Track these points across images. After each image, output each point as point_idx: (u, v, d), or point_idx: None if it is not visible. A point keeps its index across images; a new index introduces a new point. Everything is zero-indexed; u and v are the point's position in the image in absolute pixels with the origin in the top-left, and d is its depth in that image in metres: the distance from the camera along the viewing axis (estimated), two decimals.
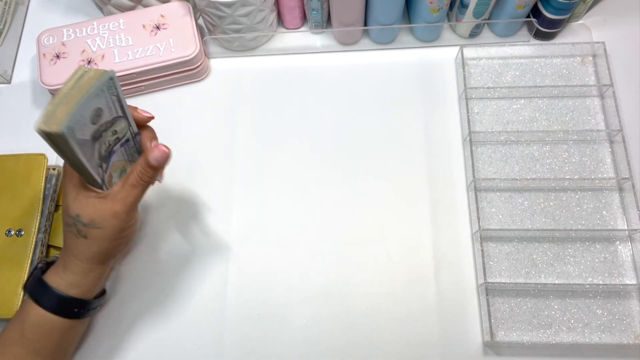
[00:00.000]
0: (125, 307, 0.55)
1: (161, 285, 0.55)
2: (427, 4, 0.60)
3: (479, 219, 0.55)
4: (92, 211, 0.43)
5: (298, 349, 0.52)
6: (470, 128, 0.59)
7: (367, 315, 0.53)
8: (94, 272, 0.46)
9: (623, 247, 0.55)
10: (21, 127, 0.64)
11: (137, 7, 0.64)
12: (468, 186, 0.58)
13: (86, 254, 0.45)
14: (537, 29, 0.64)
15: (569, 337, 0.52)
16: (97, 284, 0.47)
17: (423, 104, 0.63)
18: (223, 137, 0.61)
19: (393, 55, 0.66)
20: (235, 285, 0.55)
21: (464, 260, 0.55)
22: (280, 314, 0.54)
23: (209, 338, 0.53)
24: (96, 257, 0.45)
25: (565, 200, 0.57)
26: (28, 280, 0.47)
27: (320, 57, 0.66)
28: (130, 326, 0.54)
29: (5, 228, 0.54)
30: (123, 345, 0.53)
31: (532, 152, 0.60)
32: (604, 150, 0.59)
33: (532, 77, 0.63)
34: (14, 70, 0.68)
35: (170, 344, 0.53)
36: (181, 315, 0.54)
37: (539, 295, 0.53)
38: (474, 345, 0.52)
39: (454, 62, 0.65)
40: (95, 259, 0.45)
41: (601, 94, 0.62)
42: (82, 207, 0.43)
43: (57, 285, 0.45)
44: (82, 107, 0.38)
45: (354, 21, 0.63)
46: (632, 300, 0.53)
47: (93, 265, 0.46)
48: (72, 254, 0.45)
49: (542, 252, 0.55)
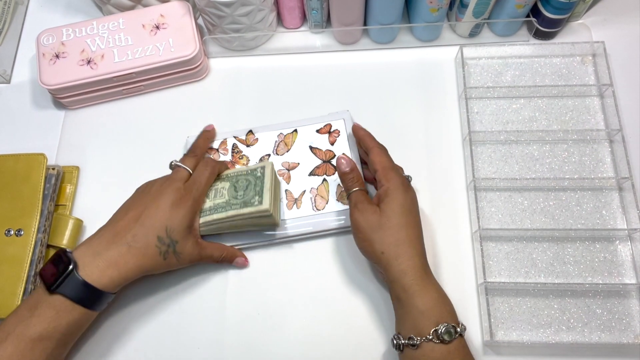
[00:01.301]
0: (125, 306, 0.54)
1: (161, 285, 0.55)
2: (427, 4, 0.60)
3: (479, 218, 0.55)
4: (188, 246, 0.50)
5: (298, 349, 0.52)
6: (470, 128, 0.59)
7: (366, 314, 0.53)
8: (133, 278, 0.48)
9: (623, 246, 0.55)
10: (21, 127, 0.64)
11: (137, 6, 0.64)
12: (468, 186, 0.58)
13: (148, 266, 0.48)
14: (536, 28, 0.64)
15: (568, 337, 0.52)
16: (127, 281, 0.48)
17: (423, 104, 0.63)
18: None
19: (393, 55, 0.66)
20: (235, 285, 0.55)
21: (464, 260, 0.55)
22: (280, 314, 0.54)
23: (209, 338, 0.53)
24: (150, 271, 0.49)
25: (565, 200, 0.57)
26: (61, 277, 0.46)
27: (320, 56, 0.66)
28: (131, 326, 0.54)
29: (4, 228, 0.54)
30: (123, 345, 0.53)
31: (531, 152, 0.60)
32: (603, 150, 0.59)
33: (532, 76, 0.63)
34: (13, 70, 0.68)
35: (170, 344, 0.53)
36: (181, 315, 0.54)
37: (539, 294, 0.53)
38: (474, 345, 0.52)
39: (454, 61, 0.65)
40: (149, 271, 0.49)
41: (601, 94, 0.62)
42: (184, 238, 0.49)
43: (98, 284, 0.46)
44: None
45: (353, 21, 0.63)
46: (631, 299, 0.53)
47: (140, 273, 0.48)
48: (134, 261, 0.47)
49: (542, 252, 0.55)
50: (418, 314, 0.44)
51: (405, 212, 0.48)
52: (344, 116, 0.60)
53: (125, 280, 0.47)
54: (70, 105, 0.64)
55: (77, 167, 0.61)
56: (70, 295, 0.44)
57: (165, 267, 0.50)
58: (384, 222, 0.47)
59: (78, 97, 0.62)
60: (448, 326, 0.43)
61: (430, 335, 0.43)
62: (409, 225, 0.47)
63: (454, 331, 0.43)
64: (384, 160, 0.51)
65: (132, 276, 0.47)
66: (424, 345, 0.43)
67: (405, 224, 0.47)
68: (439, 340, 0.43)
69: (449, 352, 0.43)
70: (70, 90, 0.61)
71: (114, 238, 0.47)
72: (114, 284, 0.46)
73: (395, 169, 0.51)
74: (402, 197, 0.48)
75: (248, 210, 0.50)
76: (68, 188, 0.59)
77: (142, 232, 0.47)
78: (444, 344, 0.43)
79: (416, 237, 0.48)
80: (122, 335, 0.53)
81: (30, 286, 0.52)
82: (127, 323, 0.54)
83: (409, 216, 0.48)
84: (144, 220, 0.48)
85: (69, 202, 0.59)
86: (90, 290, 0.45)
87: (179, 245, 0.49)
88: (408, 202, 0.48)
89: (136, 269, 0.47)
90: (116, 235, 0.47)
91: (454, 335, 0.43)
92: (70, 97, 0.62)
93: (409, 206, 0.48)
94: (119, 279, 0.46)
